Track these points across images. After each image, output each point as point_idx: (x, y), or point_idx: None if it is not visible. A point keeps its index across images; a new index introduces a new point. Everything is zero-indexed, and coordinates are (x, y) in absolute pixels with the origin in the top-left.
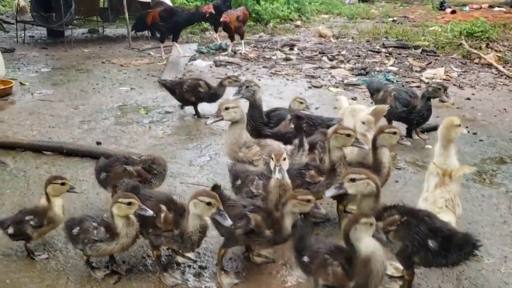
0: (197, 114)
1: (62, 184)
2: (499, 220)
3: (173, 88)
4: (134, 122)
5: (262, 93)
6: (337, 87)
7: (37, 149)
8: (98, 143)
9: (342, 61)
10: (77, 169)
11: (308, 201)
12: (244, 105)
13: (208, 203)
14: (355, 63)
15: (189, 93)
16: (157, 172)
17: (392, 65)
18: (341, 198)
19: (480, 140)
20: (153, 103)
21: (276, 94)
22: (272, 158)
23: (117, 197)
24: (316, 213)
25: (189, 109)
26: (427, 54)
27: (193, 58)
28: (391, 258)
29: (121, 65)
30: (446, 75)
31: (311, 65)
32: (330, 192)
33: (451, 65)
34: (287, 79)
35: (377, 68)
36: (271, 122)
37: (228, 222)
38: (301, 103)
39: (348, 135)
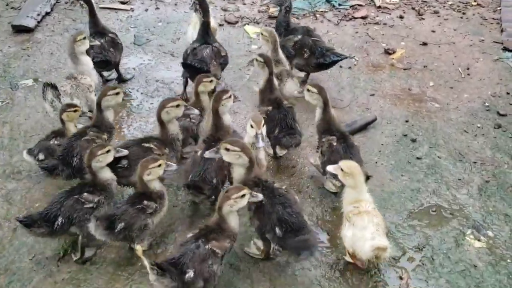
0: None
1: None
2: None
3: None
4: None
5: None
6: (258, 22)
7: None
8: None
9: None
10: None
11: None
12: None
13: (177, 105)
14: None
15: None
16: None
17: None
18: None
19: (417, 159)
20: None
21: (169, 42)
22: (251, 125)
23: None
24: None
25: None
26: None
27: None
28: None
29: None
30: None
31: None
32: (208, 154)
33: None
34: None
35: None
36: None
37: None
38: (211, 81)
39: (178, 106)
